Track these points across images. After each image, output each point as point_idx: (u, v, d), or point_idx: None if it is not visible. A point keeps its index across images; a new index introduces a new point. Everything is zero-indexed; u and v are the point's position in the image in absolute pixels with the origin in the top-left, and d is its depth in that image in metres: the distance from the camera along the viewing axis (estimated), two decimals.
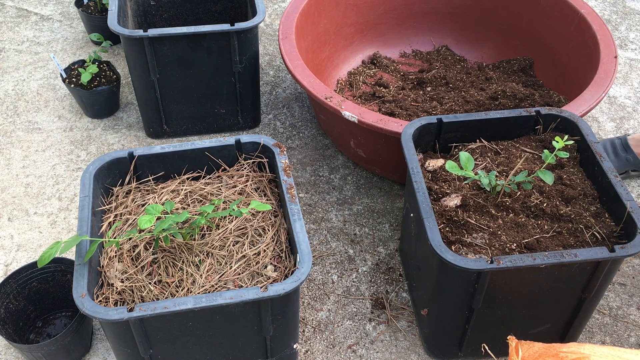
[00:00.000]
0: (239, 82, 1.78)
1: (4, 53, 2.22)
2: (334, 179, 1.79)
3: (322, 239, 1.62)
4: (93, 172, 1.26)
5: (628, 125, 1.98)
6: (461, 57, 2.09)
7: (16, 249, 1.59)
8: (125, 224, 1.25)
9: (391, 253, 1.59)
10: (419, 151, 1.39)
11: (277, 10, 2.47)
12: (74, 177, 1.78)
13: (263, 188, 1.33)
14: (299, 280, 1.08)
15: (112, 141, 1.89)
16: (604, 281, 1.19)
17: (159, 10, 2.03)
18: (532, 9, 1.95)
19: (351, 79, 2.01)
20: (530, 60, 1.98)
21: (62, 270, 1.38)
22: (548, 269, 1.13)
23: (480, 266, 1.08)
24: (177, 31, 1.63)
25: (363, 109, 1.49)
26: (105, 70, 1.97)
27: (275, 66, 2.19)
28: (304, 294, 1.50)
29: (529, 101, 1.74)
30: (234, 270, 1.17)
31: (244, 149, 1.35)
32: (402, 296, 1.49)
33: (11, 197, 1.72)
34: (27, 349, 1.28)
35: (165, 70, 1.71)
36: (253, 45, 1.73)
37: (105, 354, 1.39)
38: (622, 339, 1.42)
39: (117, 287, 1.14)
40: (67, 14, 2.41)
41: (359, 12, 2.03)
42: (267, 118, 1.98)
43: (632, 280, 1.54)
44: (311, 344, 1.41)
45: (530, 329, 1.29)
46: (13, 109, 2.00)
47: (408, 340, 1.41)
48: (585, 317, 1.29)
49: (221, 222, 1.26)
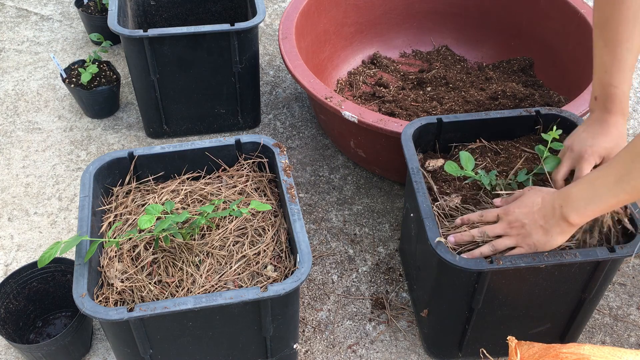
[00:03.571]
0: (239, 82, 1.78)
1: (4, 53, 2.22)
2: (334, 179, 1.79)
3: (322, 239, 1.62)
4: (93, 172, 1.26)
5: (628, 126, 1.98)
6: (461, 57, 2.09)
7: (16, 249, 1.59)
8: (125, 224, 1.25)
9: (391, 253, 1.59)
10: (419, 151, 1.39)
11: (277, 10, 2.47)
12: (74, 177, 1.78)
13: (263, 188, 1.33)
14: (299, 280, 1.08)
15: (112, 141, 1.90)
16: (604, 281, 1.19)
17: (159, 10, 2.03)
18: (532, 9, 1.95)
19: (351, 79, 2.01)
20: (530, 60, 1.98)
21: (62, 270, 1.38)
22: (548, 269, 1.13)
23: (480, 266, 1.08)
24: (177, 31, 1.63)
25: (363, 109, 1.49)
26: (105, 70, 1.97)
27: (275, 66, 2.19)
28: (304, 294, 1.50)
29: (529, 101, 1.74)
30: (234, 270, 1.17)
31: (244, 149, 1.35)
32: (402, 296, 1.49)
33: (11, 197, 1.72)
34: (27, 349, 1.28)
35: (165, 70, 1.71)
36: (253, 45, 1.73)
37: (105, 354, 1.39)
38: (622, 339, 1.42)
39: (117, 287, 1.14)
40: (67, 14, 2.41)
41: (359, 12, 2.03)
42: (267, 118, 1.98)
43: (632, 280, 1.54)
44: (311, 344, 1.41)
45: (530, 329, 1.29)
46: (13, 109, 2.00)
47: (408, 340, 1.41)
48: (585, 317, 1.29)
49: (221, 222, 1.26)
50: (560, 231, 1.06)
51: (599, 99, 1.18)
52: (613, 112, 1.17)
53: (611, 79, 1.15)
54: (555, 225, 1.06)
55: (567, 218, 1.04)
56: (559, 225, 1.06)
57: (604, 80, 1.16)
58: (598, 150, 1.16)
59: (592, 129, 1.19)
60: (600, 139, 1.17)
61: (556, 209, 1.06)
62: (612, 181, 0.98)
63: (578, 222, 1.05)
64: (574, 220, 1.04)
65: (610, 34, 1.13)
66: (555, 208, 1.06)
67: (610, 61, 1.14)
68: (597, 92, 1.18)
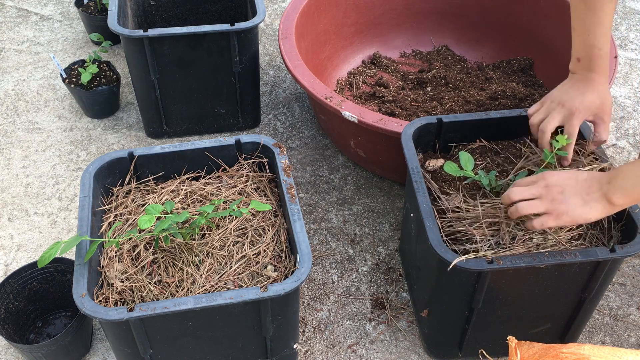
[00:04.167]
0: (239, 82, 1.78)
1: (4, 53, 2.22)
2: (334, 179, 1.79)
3: (322, 239, 1.62)
4: (93, 172, 1.26)
5: (628, 125, 1.98)
6: (461, 57, 2.09)
7: (16, 249, 1.59)
8: (125, 224, 1.25)
9: (391, 253, 1.59)
10: (419, 151, 1.39)
11: (277, 10, 2.47)
12: (74, 177, 1.78)
13: (263, 188, 1.33)
14: (299, 280, 1.08)
15: (112, 141, 1.90)
16: (604, 281, 1.19)
17: (159, 10, 2.03)
18: (532, 9, 1.95)
19: (351, 79, 2.01)
20: (530, 60, 1.98)
21: (62, 270, 1.38)
22: (548, 269, 1.13)
23: (480, 266, 1.08)
24: (177, 31, 1.63)
25: (363, 109, 1.49)
26: (105, 70, 1.97)
27: (275, 66, 2.19)
28: (304, 294, 1.50)
29: (529, 101, 1.74)
30: (234, 270, 1.17)
31: (244, 149, 1.35)
32: (402, 296, 1.49)
33: (11, 197, 1.72)
34: (27, 349, 1.28)
35: (165, 70, 1.71)
36: (253, 45, 1.73)
37: (105, 354, 1.39)
38: (622, 339, 1.42)
39: (117, 287, 1.14)
40: (67, 14, 2.41)
41: (359, 12, 2.03)
42: (267, 118, 1.98)
43: (632, 280, 1.54)
44: (311, 344, 1.41)
45: (530, 329, 1.29)
46: (13, 109, 2.00)
47: (408, 340, 1.41)
48: (585, 317, 1.29)
49: (221, 222, 1.26)
50: (601, 208, 1.04)
51: (583, 60, 1.21)
52: (597, 72, 1.20)
53: (595, 40, 1.18)
54: (597, 201, 1.04)
55: (611, 196, 1.03)
56: (601, 201, 1.04)
57: (587, 42, 1.19)
58: (589, 105, 1.20)
59: (579, 86, 1.22)
60: (589, 96, 1.21)
61: (603, 184, 1.04)
62: None
63: (621, 202, 1.03)
64: (617, 199, 1.03)
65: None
66: (602, 183, 1.04)
67: (593, 24, 1.17)
68: (580, 54, 1.21)
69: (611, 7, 1.16)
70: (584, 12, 1.18)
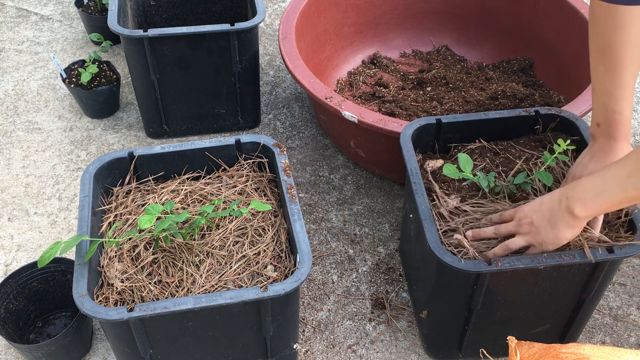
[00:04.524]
0: (239, 82, 1.78)
1: (4, 53, 2.22)
2: (334, 179, 1.79)
3: (322, 239, 1.62)
4: (93, 172, 1.26)
5: None
6: (461, 57, 2.09)
7: (16, 249, 1.59)
8: (125, 224, 1.25)
9: (391, 253, 1.59)
10: (418, 152, 1.39)
11: (277, 10, 2.47)
12: (74, 177, 1.78)
13: (263, 188, 1.34)
14: (299, 280, 1.08)
15: (112, 141, 1.90)
16: (603, 282, 1.19)
17: (159, 10, 2.03)
18: (532, 9, 1.95)
19: (351, 79, 2.01)
20: (530, 60, 1.98)
21: (62, 270, 1.38)
22: (547, 270, 1.13)
23: (478, 268, 1.08)
24: (177, 31, 1.63)
25: (363, 109, 1.50)
26: (105, 70, 1.97)
27: (275, 66, 2.19)
28: (304, 294, 1.50)
29: (529, 101, 1.75)
30: (234, 270, 1.18)
31: (244, 149, 1.35)
32: (402, 296, 1.50)
33: (11, 197, 1.72)
34: (27, 349, 1.28)
35: (165, 70, 1.71)
36: (253, 45, 1.73)
37: (105, 354, 1.39)
38: (622, 339, 1.42)
39: (117, 287, 1.14)
40: (67, 14, 2.41)
41: (359, 12, 2.03)
42: (267, 118, 1.98)
43: (632, 280, 1.54)
44: (311, 344, 1.41)
45: (530, 330, 1.29)
46: (13, 109, 2.00)
47: (408, 340, 1.42)
48: (585, 317, 1.29)
49: (221, 222, 1.26)
50: (566, 224, 1.05)
51: (602, 125, 1.14)
52: (618, 139, 1.13)
53: (615, 105, 1.11)
54: (561, 219, 1.05)
55: (572, 210, 1.03)
56: (564, 218, 1.04)
57: (608, 106, 1.12)
58: None
59: (599, 157, 1.15)
60: None
61: (562, 201, 1.04)
62: (623, 176, 0.97)
63: (583, 214, 1.03)
64: (578, 212, 1.02)
65: (612, 60, 1.09)
66: (561, 200, 1.05)
67: (614, 87, 1.10)
68: (600, 119, 1.14)
69: (634, 69, 1.09)
70: (603, 74, 1.11)
